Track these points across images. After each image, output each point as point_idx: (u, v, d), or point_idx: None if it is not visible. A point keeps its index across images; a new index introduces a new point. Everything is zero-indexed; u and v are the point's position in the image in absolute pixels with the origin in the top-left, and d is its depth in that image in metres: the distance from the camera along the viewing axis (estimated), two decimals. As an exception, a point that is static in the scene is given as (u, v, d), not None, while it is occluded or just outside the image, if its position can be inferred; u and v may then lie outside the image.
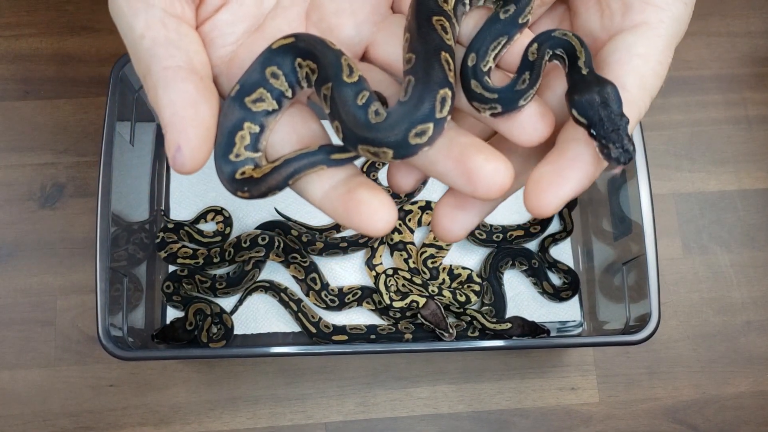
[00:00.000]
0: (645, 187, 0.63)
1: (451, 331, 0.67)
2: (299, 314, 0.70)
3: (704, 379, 0.72)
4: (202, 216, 0.74)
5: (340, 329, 0.71)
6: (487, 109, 0.31)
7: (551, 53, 0.33)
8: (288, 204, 0.75)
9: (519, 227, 0.74)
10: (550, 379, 0.71)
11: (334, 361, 0.71)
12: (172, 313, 0.71)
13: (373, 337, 0.70)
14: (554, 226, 0.76)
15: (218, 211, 0.73)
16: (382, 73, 0.34)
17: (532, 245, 0.75)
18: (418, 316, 0.70)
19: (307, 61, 0.31)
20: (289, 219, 0.74)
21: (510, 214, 0.76)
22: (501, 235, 0.73)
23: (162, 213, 0.74)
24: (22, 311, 0.71)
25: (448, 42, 0.31)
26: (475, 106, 0.32)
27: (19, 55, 0.77)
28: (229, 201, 0.74)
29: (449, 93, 0.30)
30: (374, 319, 0.73)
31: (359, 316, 0.73)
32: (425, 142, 0.29)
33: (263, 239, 0.70)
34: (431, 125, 0.29)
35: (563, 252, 0.75)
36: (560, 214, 0.75)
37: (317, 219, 0.74)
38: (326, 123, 0.33)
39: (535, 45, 0.32)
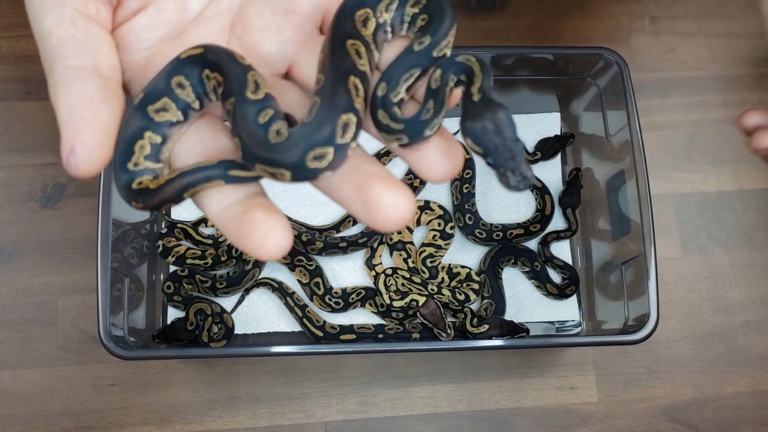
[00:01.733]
0: (644, 187, 0.63)
1: (449, 331, 0.68)
2: (304, 320, 0.71)
3: (703, 379, 0.72)
4: (203, 220, 0.74)
5: (347, 329, 0.71)
6: (394, 140, 0.31)
7: (456, 79, 0.32)
8: (288, 204, 0.75)
9: (519, 226, 0.75)
10: (549, 379, 0.72)
11: (334, 360, 0.71)
12: (173, 313, 0.71)
13: (381, 336, 0.71)
14: (559, 224, 0.76)
15: None
16: (300, 92, 0.33)
17: (532, 244, 0.76)
18: (418, 315, 0.70)
19: (214, 74, 0.31)
20: (288, 218, 0.74)
21: (510, 213, 0.77)
22: (501, 234, 0.74)
23: (163, 213, 0.74)
24: (24, 311, 0.71)
25: (361, 68, 0.30)
26: (383, 136, 0.31)
27: (20, 55, 0.77)
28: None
29: (353, 119, 0.29)
30: (379, 320, 0.73)
31: (363, 317, 0.73)
32: (325, 167, 0.28)
33: None
34: (331, 149, 0.28)
35: (563, 252, 0.76)
36: (564, 213, 0.75)
37: (317, 219, 0.75)
38: None
39: (438, 72, 0.32)
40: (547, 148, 0.76)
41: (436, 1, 0.33)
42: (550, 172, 0.77)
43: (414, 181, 0.75)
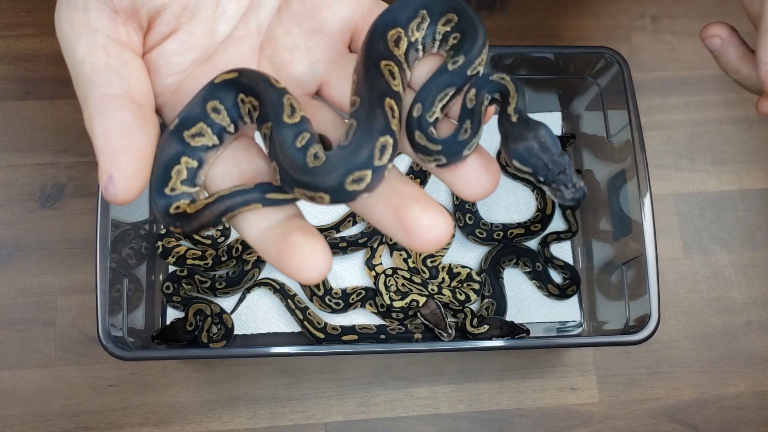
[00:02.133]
0: (645, 187, 0.63)
1: (450, 331, 0.68)
2: (305, 322, 0.70)
3: (704, 379, 0.72)
4: None
5: (349, 329, 0.71)
6: (432, 161, 0.31)
7: (490, 98, 0.32)
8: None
9: (519, 225, 0.74)
10: (550, 379, 0.71)
11: (334, 361, 0.71)
12: (172, 314, 0.71)
13: (383, 336, 0.71)
14: (559, 225, 0.76)
15: None
16: (332, 113, 0.33)
17: (533, 244, 0.75)
18: (418, 315, 0.70)
19: (249, 98, 0.31)
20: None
21: (510, 213, 0.76)
22: (501, 233, 0.73)
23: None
24: (23, 311, 0.71)
25: (395, 88, 0.30)
26: (420, 157, 0.31)
27: (19, 55, 0.77)
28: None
29: (390, 141, 0.29)
30: (380, 320, 0.73)
31: (364, 318, 0.73)
32: (363, 189, 0.28)
33: None
34: (369, 172, 0.28)
35: (563, 252, 0.75)
36: (564, 215, 0.75)
37: (317, 219, 0.74)
38: None
39: (473, 91, 0.32)
40: (547, 149, 0.76)
41: (468, 20, 0.32)
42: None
43: (414, 181, 0.75)
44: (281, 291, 0.72)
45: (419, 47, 0.33)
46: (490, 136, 0.39)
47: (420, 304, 0.70)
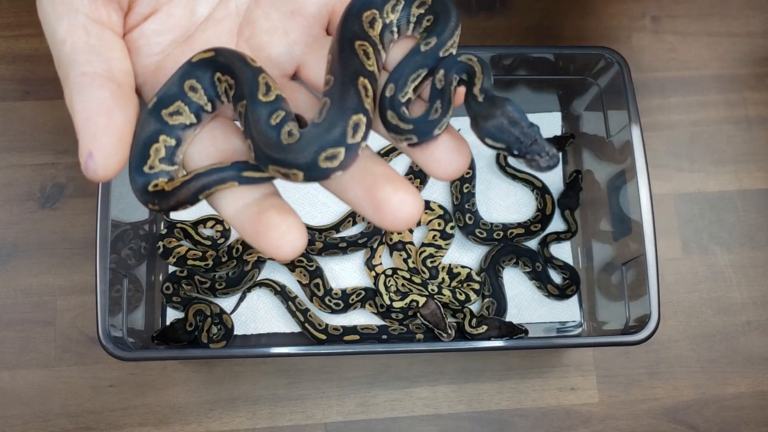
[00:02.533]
0: (645, 187, 0.63)
1: (450, 331, 0.67)
2: (306, 324, 0.70)
3: (704, 380, 0.72)
4: (202, 221, 0.73)
5: (350, 329, 0.71)
6: (404, 140, 0.31)
7: (458, 78, 0.33)
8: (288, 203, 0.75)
9: (519, 225, 0.74)
10: (550, 380, 0.71)
11: (334, 361, 0.71)
12: (172, 314, 0.71)
13: (384, 337, 0.70)
14: (559, 225, 0.76)
15: (219, 220, 0.73)
16: (309, 94, 0.33)
17: (533, 244, 0.75)
18: (418, 315, 0.70)
19: (225, 76, 0.31)
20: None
21: (510, 213, 0.76)
22: (501, 233, 0.73)
23: (162, 213, 0.74)
24: (23, 311, 0.71)
25: (369, 68, 0.31)
26: (392, 136, 0.32)
27: (19, 55, 0.77)
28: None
29: (363, 119, 0.29)
30: (380, 321, 0.73)
31: (365, 318, 0.73)
32: (336, 166, 0.29)
33: None
34: (342, 150, 0.29)
35: (563, 252, 0.75)
36: (563, 215, 0.75)
37: (317, 219, 0.74)
38: None
39: (442, 72, 0.32)
40: (546, 149, 0.76)
41: (441, 3, 0.33)
42: (551, 173, 0.77)
43: (414, 182, 0.75)
44: (282, 293, 0.71)
45: (394, 29, 0.34)
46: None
47: (420, 305, 0.70)
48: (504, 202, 0.77)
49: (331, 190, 0.31)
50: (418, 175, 0.75)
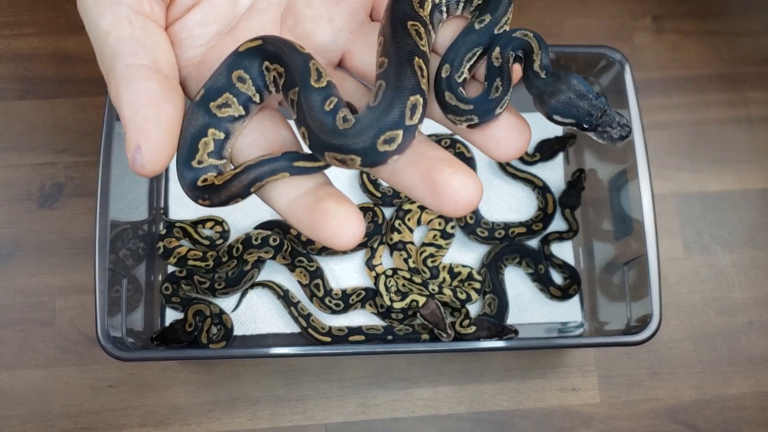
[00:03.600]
0: (646, 187, 0.63)
1: (449, 331, 0.67)
2: (309, 329, 0.70)
3: (705, 380, 0.72)
4: (201, 222, 0.73)
5: (356, 330, 0.71)
6: (464, 120, 0.31)
7: (514, 55, 0.32)
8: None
9: (521, 224, 0.74)
10: (551, 380, 0.71)
11: (334, 362, 0.71)
12: (172, 315, 0.71)
13: (390, 337, 0.70)
14: (560, 225, 0.75)
15: (219, 221, 0.73)
16: (356, 82, 0.33)
17: (534, 243, 0.75)
18: (418, 315, 0.69)
19: (274, 65, 0.30)
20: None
21: (511, 213, 0.76)
22: (503, 232, 0.73)
23: (162, 212, 0.73)
24: (22, 311, 0.70)
25: (422, 48, 0.30)
26: (451, 118, 0.31)
27: (18, 54, 0.77)
28: (229, 207, 0.74)
29: (420, 100, 0.29)
30: (379, 321, 0.73)
31: (365, 319, 0.73)
32: (394, 149, 0.28)
33: (274, 240, 0.70)
34: (401, 132, 0.28)
35: (565, 252, 0.75)
36: (563, 214, 0.75)
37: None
38: None
39: (498, 49, 0.32)
40: (546, 150, 0.76)
41: None
42: (553, 172, 0.77)
43: None
44: (285, 298, 0.71)
45: (443, 8, 0.33)
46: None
47: (420, 304, 0.70)
48: (505, 202, 0.76)
49: (384, 176, 0.30)
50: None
